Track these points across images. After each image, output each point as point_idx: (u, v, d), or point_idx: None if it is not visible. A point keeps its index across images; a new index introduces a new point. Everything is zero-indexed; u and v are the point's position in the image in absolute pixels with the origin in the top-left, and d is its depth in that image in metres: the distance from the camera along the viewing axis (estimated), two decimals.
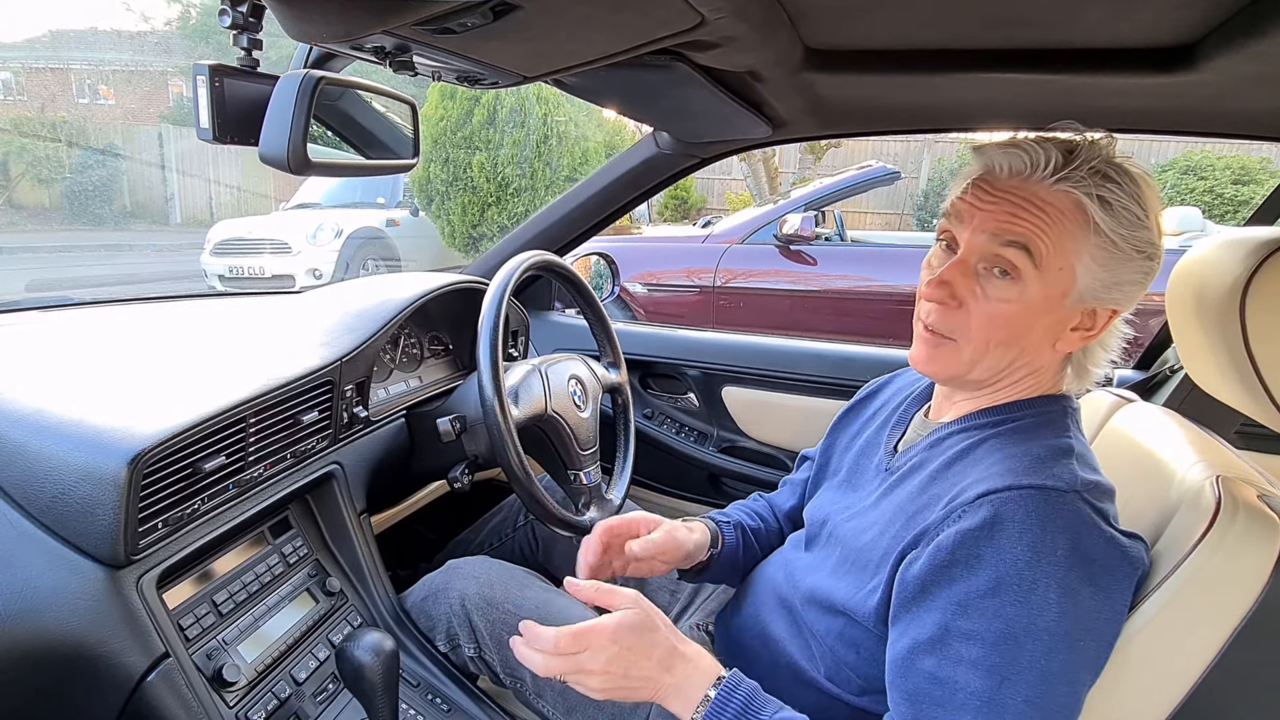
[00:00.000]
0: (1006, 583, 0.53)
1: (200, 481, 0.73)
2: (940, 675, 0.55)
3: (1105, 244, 0.59)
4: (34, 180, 10.59)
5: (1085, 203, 0.58)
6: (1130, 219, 0.59)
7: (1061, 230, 0.59)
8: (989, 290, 0.61)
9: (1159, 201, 0.61)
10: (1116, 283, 0.60)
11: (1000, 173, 0.61)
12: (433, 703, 0.83)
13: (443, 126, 6.25)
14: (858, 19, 0.72)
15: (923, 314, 0.66)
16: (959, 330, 0.63)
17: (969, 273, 0.62)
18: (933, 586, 0.57)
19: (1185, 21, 0.66)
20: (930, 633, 0.56)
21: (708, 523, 0.87)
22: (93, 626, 0.64)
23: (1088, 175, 0.58)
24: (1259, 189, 7.11)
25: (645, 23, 0.60)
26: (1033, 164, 0.60)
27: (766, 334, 1.52)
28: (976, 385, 0.67)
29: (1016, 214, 0.60)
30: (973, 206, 0.62)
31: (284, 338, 0.98)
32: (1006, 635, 0.53)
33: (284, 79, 0.66)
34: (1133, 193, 0.59)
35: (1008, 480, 0.57)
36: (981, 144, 0.64)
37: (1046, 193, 0.59)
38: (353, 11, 0.48)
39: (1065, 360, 0.66)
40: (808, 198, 3.77)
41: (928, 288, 0.64)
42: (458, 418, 0.99)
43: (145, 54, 14.18)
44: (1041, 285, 0.60)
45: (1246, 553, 0.56)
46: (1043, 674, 0.52)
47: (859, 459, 0.80)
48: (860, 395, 0.89)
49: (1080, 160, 0.59)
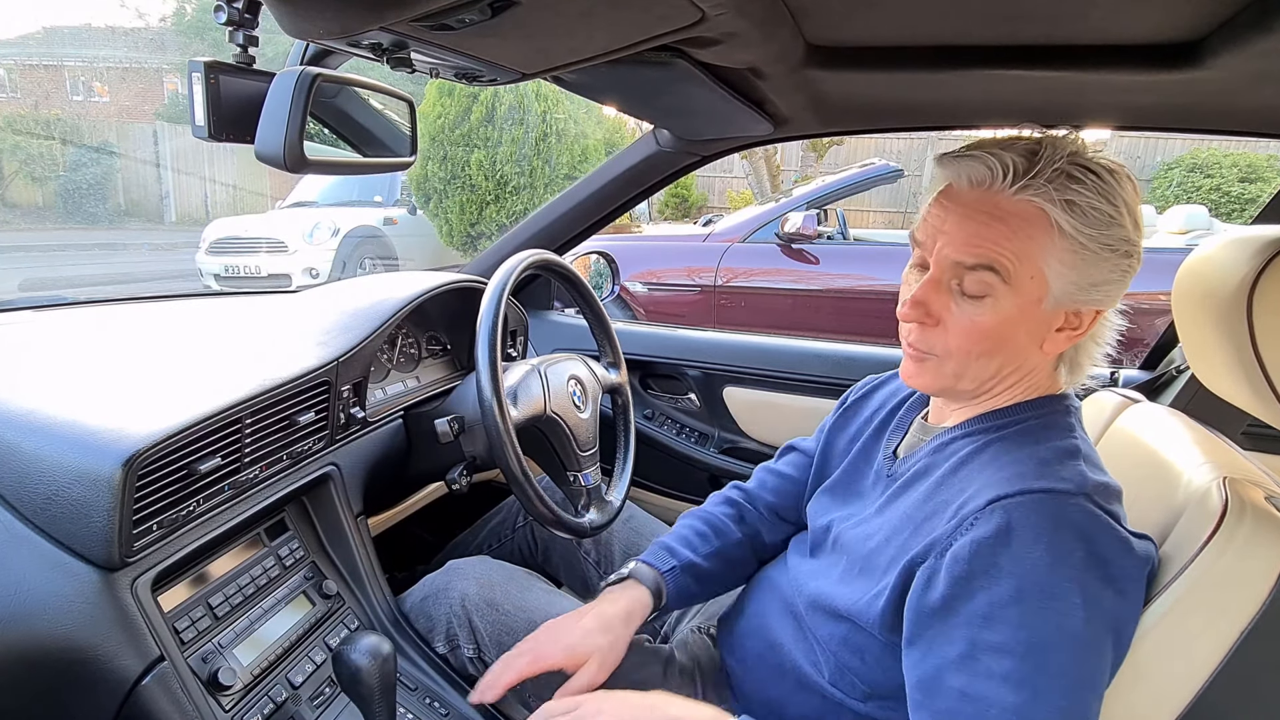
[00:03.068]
0: (1028, 589, 0.53)
1: (195, 483, 0.72)
2: (971, 692, 0.53)
3: (1073, 246, 0.58)
4: (27, 178, 10.55)
5: (1047, 209, 0.57)
6: (1099, 218, 0.57)
7: (1026, 240, 0.58)
8: (964, 306, 0.61)
9: (1135, 194, 0.60)
10: (1092, 283, 0.59)
11: (962, 184, 0.60)
12: (431, 707, 0.82)
13: (441, 124, 6.23)
14: (860, 15, 0.71)
15: (904, 333, 0.66)
16: (939, 347, 0.63)
17: (942, 290, 0.62)
18: (954, 602, 0.56)
19: (1191, 18, 0.65)
20: (958, 649, 0.55)
21: (646, 579, 0.80)
22: (87, 629, 0.63)
23: (1051, 179, 0.57)
24: (1266, 187, 7.14)
25: (645, 19, 0.60)
26: (993, 174, 0.58)
27: (768, 334, 1.51)
28: (969, 395, 0.66)
29: (980, 231, 0.59)
30: (939, 224, 0.61)
31: (280, 338, 0.97)
32: (1034, 645, 0.52)
33: (280, 76, 0.65)
34: (1101, 190, 0.58)
35: (1017, 485, 0.56)
36: (944, 155, 0.63)
37: (1008, 203, 0.58)
38: (350, 8, 0.48)
39: (1058, 360, 0.66)
40: (809, 196, 3.77)
41: (904, 308, 0.64)
42: (456, 418, 0.98)
43: (140, 51, 14.14)
44: (1014, 297, 0.59)
45: (1254, 554, 0.56)
46: (1074, 681, 0.52)
47: (858, 462, 0.79)
48: (858, 393, 0.88)
49: (1042, 164, 0.57)
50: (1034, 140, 0.60)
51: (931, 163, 0.67)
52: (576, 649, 0.71)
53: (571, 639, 0.72)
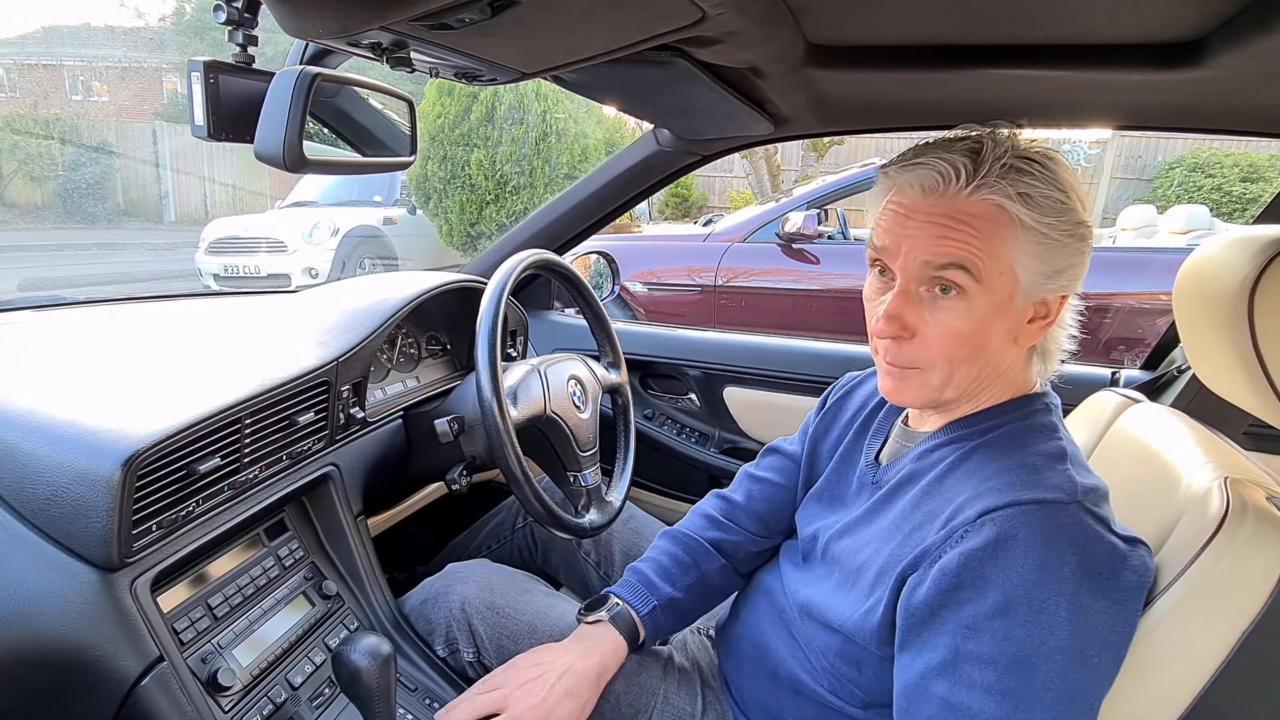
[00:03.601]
0: (1015, 604, 0.52)
1: (195, 483, 0.72)
2: (954, 701, 0.54)
3: (1035, 238, 0.58)
4: (26, 178, 10.54)
5: (1005, 205, 0.57)
6: (1053, 206, 0.58)
7: (992, 238, 0.58)
8: (938, 314, 0.60)
9: (1073, 176, 0.61)
10: (1058, 270, 0.60)
11: (915, 192, 0.60)
12: (430, 708, 0.82)
13: (440, 123, 6.23)
14: (860, 14, 0.71)
15: (880, 351, 0.65)
16: (920, 359, 0.62)
17: (914, 300, 0.61)
18: (941, 610, 0.56)
19: (1192, 17, 0.65)
20: (941, 657, 0.55)
21: (623, 624, 0.78)
22: (86, 630, 0.63)
23: (1002, 174, 0.57)
24: (1267, 186, 7.14)
25: (645, 18, 0.60)
26: (944, 179, 0.58)
27: (769, 334, 1.51)
28: (954, 404, 0.66)
29: (944, 234, 0.58)
30: (899, 234, 0.60)
31: (279, 338, 0.97)
32: (1019, 658, 0.52)
33: (280, 75, 0.65)
34: (1048, 178, 0.58)
35: (1008, 496, 0.55)
36: (886, 166, 0.63)
37: (966, 204, 0.58)
38: (350, 7, 0.48)
39: (1030, 352, 0.66)
40: (810, 195, 3.76)
41: (878, 324, 0.62)
42: (456, 419, 0.98)
43: (139, 50, 14.13)
44: (987, 296, 0.59)
45: (1255, 555, 0.56)
46: (1060, 695, 0.52)
47: (840, 468, 0.78)
48: (837, 394, 0.86)
49: (990, 161, 0.58)
50: (974, 139, 0.60)
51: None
52: (550, 717, 0.70)
53: (546, 707, 0.70)
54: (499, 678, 0.74)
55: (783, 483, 0.88)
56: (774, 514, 0.87)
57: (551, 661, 0.74)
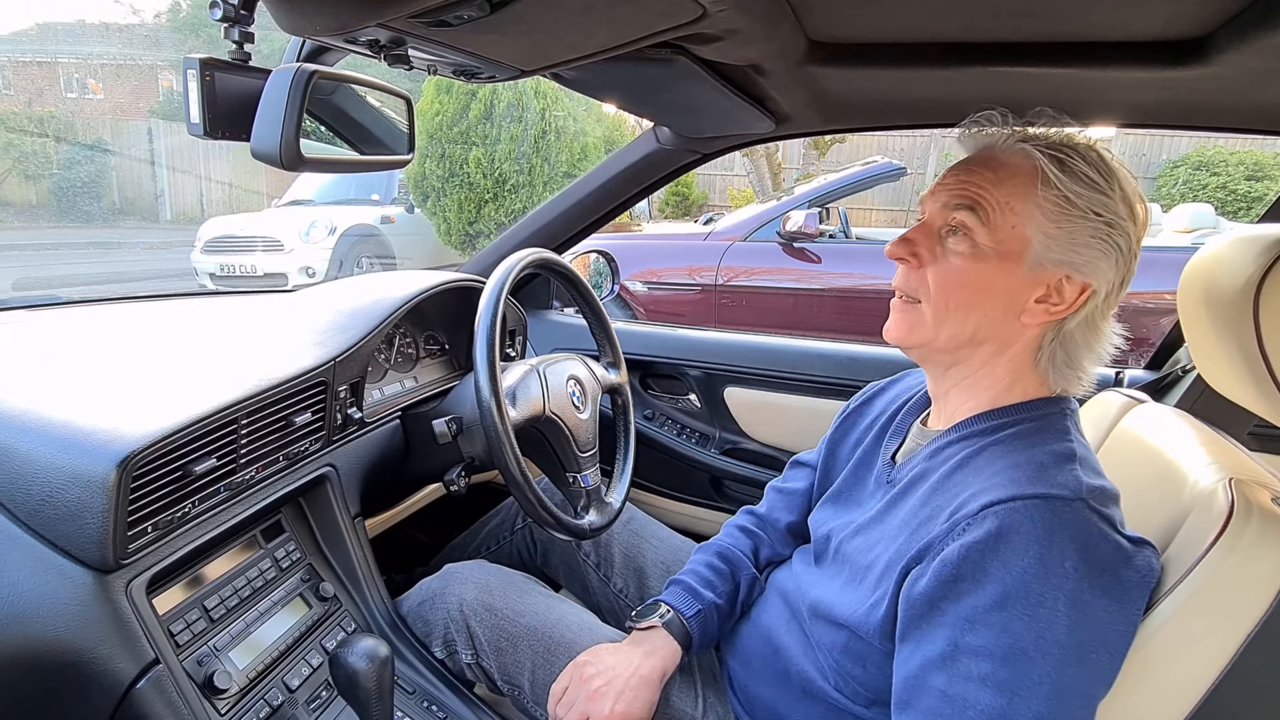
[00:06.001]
0: (1014, 597, 0.52)
1: (191, 484, 0.71)
2: (951, 693, 0.54)
3: (1056, 198, 0.59)
4: (21, 176, 10.49)
5: (1037, 156, 0.60)
6: (1085, 179, 0.59)
7: (1010, 187, 0.61)
8: (946, 252, 0.64)
9: (1134, 188, 0.62)
10: (1072, 244, 0.59)
11: (969, 142, 0.66)
12: (429, 710, 0.82)
13: (439, 121, 6.21)
14: (862, 11, 0.70)
15: (895, 280, 0.69)
16: (921, 290, 0.65)
17: (931, 235, 0.65)
18: (940, 602, 0.56)
19: (1197, 14, 0.65)
20: (940, 649, 0.55)
21: (675, 630, 0.79)
22: (81, 632, 0.63)
23: (1049, 142, 0.61)
24: (1272, 185, 7.13)
25: (645, 15, 0.59)
26: (995, 125, 0.64)
27: (770, 333, 1.50)
28: (946, 357, 0.66)
29: (969, 177, 0.63)
30: (938, 183, 0.66)
31: (276, 337, 0.96)
32: (1015, 650, 0.52)
33: (276, 73, 0.64)
34: (1092, 159, 0.61)
35: (1011, 490, 0.55)
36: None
37: (1002, 154, 0.63)
38: (347, 4, 0.47)
39: (1038, 349, 0.64)
40: (811, 194, 3.76)
41: (891, 245, 0.67)
42: (454, 419, 0.97)
43: (134, 47, 14.08)
44: (993, 242, 0.61)
45: (1260, 556, 0.55)
46: (1055, 689, 0.52)
47: (858, 469, 0.79)
48: (860, 399, 0.88)
49: (1039, 132, 0.63)
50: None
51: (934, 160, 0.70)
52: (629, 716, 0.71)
53: (622, 706, 0.71)
54: (571, 692, 0.74)
55: (808, 492, 0.91)
56: (802, 524, 0.89)
57: (615, 665, 0.74)
